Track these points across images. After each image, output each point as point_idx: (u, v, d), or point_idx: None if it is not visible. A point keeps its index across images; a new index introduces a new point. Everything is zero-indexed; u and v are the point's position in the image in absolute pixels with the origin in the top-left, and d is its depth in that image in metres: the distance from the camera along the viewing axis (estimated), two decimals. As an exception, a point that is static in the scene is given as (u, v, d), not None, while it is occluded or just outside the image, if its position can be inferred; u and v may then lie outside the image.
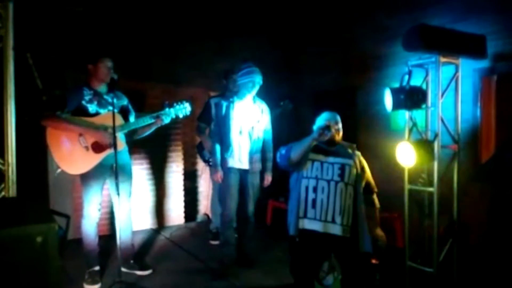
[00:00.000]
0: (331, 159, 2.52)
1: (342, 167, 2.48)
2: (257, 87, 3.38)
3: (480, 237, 3.19)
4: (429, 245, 3.18)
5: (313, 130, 2.59)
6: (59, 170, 3.11)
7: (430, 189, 3.13)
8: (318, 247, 2.45)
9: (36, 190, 3.91)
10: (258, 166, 3.46)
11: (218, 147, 3.41)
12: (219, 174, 3.40)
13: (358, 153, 2.66)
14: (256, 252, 3.77)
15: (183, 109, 3.28)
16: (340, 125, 2.66)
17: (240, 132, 3.39)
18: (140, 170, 4.71)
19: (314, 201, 2.43)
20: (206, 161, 4.26)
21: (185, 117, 3.34)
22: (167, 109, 3.23)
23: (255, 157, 3.44)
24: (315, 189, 2.45)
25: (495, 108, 3.45)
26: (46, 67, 3.57)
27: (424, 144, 3.09)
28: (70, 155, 3.08)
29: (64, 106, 3.04)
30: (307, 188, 2.47)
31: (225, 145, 3.38)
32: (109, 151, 3.10)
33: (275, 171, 3.45)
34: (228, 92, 3.93)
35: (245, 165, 3.43)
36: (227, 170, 3.40)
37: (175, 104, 3.25)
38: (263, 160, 3.48)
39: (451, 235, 3.19)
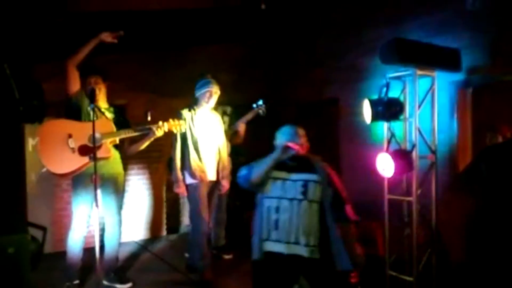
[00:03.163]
0: (293, 176, 2.33)
1: (305, 184, 2.29)
2: (214, 97, 3.52)
3: (459, 246, 3.24)
4: (409, 254, 3.23)
5: (275, 146, 2.40)
6: (44, 169, 3.13)
7: (409, 198, 3.20)
8: (284, 270, 2.27)
9: (13, 202, 3.83)
10: (221, 175, 3.57)
11: (179, 162, 3.44)
12: (182, 189, 3.43)
13: (324, 165, 2.41)
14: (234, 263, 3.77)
15: (177, 125, 3.30)
16: (304, 139, 2.42)
17: (203, 144, 3.47)
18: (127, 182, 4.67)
19: (277, 222, 2.27)
20: None
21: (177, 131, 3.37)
22: (160, 122, 3.24)
23: (220, 166, 3.55)
24: (277, 209, 2.28)
25: (471, 120, 3.55)
26: (24, 78, 3.56)
27: (402, 154, 3.16)
28: (56, 153, 3.08)
29: (41, 117, 3.04)
30: (269, 208, 2.31)
31: (189, 158, 3.42)
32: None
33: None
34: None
35: (212, 177, 3.51)
36: (195, 185, 3.42)
37: (170, 121, 3.29)
38: (221, 168, 3.57)
39: (430, 244, 3.24)
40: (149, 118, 4.85)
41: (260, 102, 4.23)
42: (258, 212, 2.36)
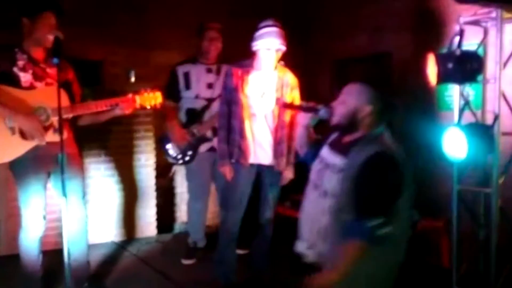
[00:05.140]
0: None
1: None
2: (276, 54, 3.38)
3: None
4: (485, 264, 3.22)
5: None
6: None
7: (487, 190, 3.17)
8: None
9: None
10: (284, 161, 3.49)
11: (224, 133, 3.49)
12: (228, 168, 3.45)
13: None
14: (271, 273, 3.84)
15: (152, 99, 3.35)
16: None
17: (255, 115, 3.45)
18: (97, 165, 4.75)
19: None
20: (174, 159, 4.28)
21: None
22: (130, 95, 3.28)
23: (280, 148, 3.46)
24: None
25: None
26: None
27: (480, 129, 3.13)
28: None
29: None
30: None
31: (233, 132, 3.45)
32: (44, 140, 3.12)
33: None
34: (199, 54, 4.13)
35: (265, 159, 3.47)
36: (237, 168, 3.46)
37: (144, 93, 3.32)
38: (281, 151, 3.50)
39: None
40: (132, 79, 4.89)
41: None
42: None
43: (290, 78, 3.49)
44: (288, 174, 3.56)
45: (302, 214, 2.39)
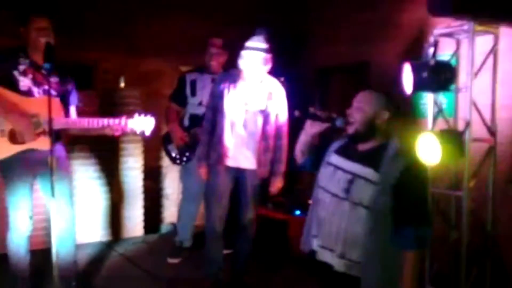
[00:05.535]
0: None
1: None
2: (261, 66, 3.37)
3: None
4: (455, 265, 3.25)
5: None
6: None
7: (458, 193, 3.22)
8: None
9: None
10: (267, 170, 3.55)
11: (205, 137, 3.56)
12: (204, 170, 3.57)
13: None
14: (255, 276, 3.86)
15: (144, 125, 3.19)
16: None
17: (239, 121, 3.47)
18: (85, 167, 4.71)
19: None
20: (173, 159, 4.35)
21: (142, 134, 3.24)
22: (123, 120, 3.14)
23: (264, 159, 3.50)
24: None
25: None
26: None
27: (452, 135, 3.16)
28: None
29: None
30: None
31: (215, 137, 3.50)
32: (30, 145, 3.10)
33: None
34: (204, 66, 4.22)
35: (245, 164, 3.50)
36: (216, 169, 3.52)
37: (137, 117, 3.16)
38: (272, 160, 3.56)
39: (484, 253, 3.25)
40: (122, 85, 4.90)
41: None
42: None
43: (276, 89, 3.51)
44: (278, 183, 3.60)
45: (320, 222, 2.29)
